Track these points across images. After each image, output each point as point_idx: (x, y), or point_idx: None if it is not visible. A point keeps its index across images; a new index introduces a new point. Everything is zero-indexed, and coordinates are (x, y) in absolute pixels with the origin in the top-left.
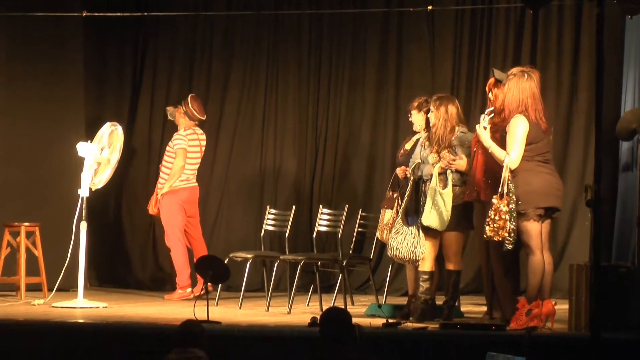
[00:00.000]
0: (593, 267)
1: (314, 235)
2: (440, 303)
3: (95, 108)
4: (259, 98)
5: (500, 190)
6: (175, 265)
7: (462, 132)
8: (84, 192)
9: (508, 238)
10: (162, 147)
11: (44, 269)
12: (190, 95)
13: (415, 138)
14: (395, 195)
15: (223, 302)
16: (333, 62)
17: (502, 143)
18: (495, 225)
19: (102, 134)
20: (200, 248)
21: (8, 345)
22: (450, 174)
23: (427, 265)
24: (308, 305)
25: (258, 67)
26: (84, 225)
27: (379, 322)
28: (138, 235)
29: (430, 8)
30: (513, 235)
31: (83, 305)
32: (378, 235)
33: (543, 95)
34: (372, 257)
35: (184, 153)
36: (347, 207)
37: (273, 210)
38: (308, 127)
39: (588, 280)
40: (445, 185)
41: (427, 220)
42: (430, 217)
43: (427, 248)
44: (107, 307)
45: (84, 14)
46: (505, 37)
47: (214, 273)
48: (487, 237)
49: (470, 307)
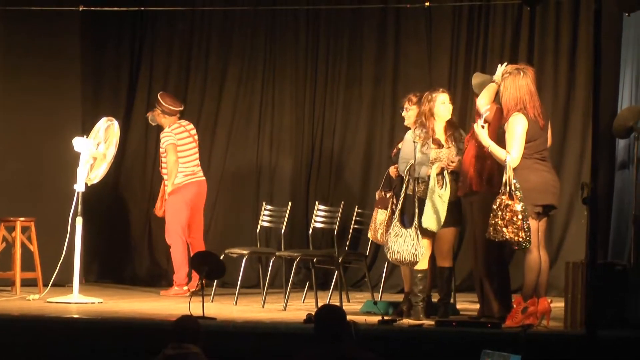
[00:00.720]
0: (589, 264)
1: (310, 232)
2: (435, 300)
3: (92, 103)
4: (256, 94)
5: (508, 190)
6: (174, 262)
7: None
8: (80, 187)
9: (527, 238)
10: (158, 141)
11: (40, 264)
12: (159, 94)
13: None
14: (389, 195)
15: (218, 298)
16: (330, 57)
17: (499, 141)
18: (515, 227)
19: (98, 129)
20: (198, 247)
21: (3, 340)
22: (448, 175)
23: (423, 264)
24: (304, 302)
25: (255, 62)
26: (80, 221)
27: (375, 319)
28: (134, 231)
29: (428, 4)
30: (530, 234)
31: (78, 301)
32: (370, 236)
33: (540, 93)
34: (367, 254)
35: (174, 148)
36: (343, 203)
37: (269, 207)
38: (305, 123)
39: (584, 278)
40: (443, 186)
41: (426, 223)
42: (430, 219)
43: (424, 247)
44: (102, 302)
45: (81, 9)
46: (503, 33)
47: (210, 269)
48: (504, 239)
49: (466, 304)
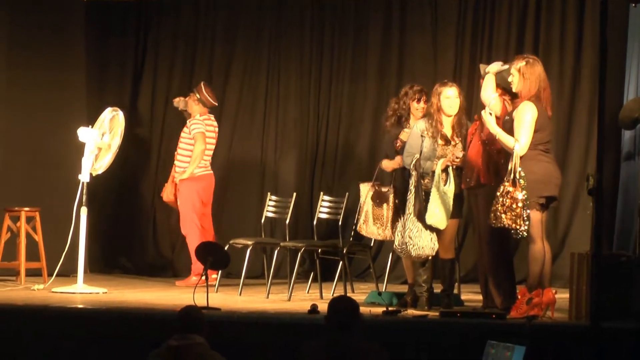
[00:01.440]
0: (594, 256)
1: (315, 223)
2: (438, 291)
3: (97, 93)
4: (261, 85)
5: (513, 177)
6: (192, 253)
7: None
8: (85, 177)
9: (524, 226)
10: (163, 132)
11: (44, 254)
12: (202, 83)
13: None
14: (387, 190)
15: (223, 288)
16: (335, 50)
17: (505, 129)
18: (514, 214)
19: (103, 119)
20: (209, 238)
21: (7, 330)
22: (452, 171)
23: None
24: (308, 293)
25: (260, 54)
26: (84, 211)
27: (379, 309)
28: (138, 221)
29: None
30: (528, 224)
31: (83, 291)
32: (365, 232)
33: None
34: (372, 244)
35: (203, 136)
36: (347, 194)
37: (274, 197)
38: (310, 114)
39: (589, 269)
40: (447, 182)
41: (431, 219)
42: (435, 215)
43: None
44: (107, 292)
45: (86, 0)
46: (508, 25)
47: (214, 259)
48: (503, 225)
49: (471, 295)
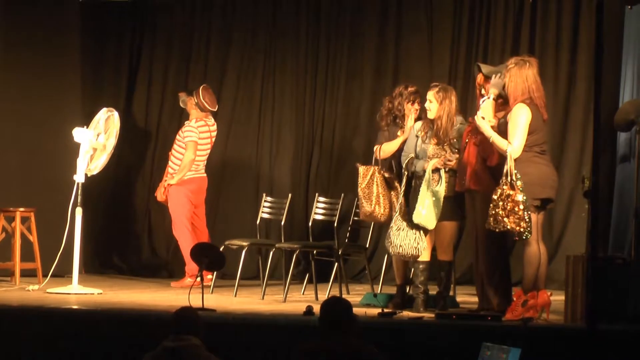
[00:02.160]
0: (589, 258)
1: (310, 224)
2: (434, 293)
3: (92, 94)
4: (256, 86)
5: (510, 181)
6: (184, 254)
7: (460, 123)
8: (80, 178)
9: (528, 229)
10: (158, 133)
11: (39, 255)
12: (202, 86)
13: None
14: (389, 176)
15: (218, 289)
16: (331, 51)
17: (500, 131)
18: (517, 217)
19: (98, 120)
20: (204, 239)
21: (2, 331)
22: (444, 172)
23: (425, 255)
24: (303, 294)
25: (255, 54)
26: (79, 211)
27: (375, 311)
28: (133, 222)
29: None
30: (531, 225)
31: (78, 292)
32: (368, 209)
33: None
34: (367, 246)
35: (195, 146)
36: (343, 195)
37: (269, 198)
38: (305, 115)
39: (584, 272)
40: (438, 183)
41: (417, 218)
42: (421, 215)
43: (426, 240)
44: (101, 293)
45: (81, 0)
46: (504, 26)
47: (210, 260)
48: (505, 229)
49: (466, 297)
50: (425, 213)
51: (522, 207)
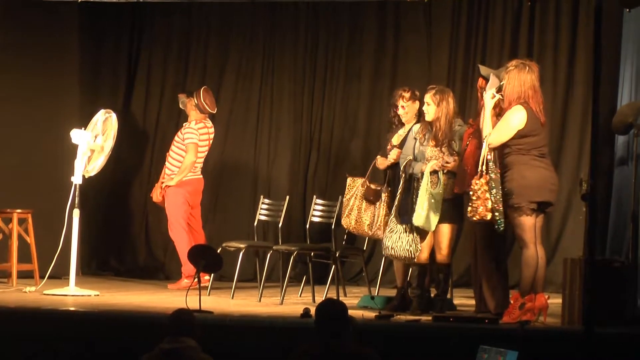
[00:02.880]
0: (587, 261)
1: (308, 226)
2: (432, 296)
3: (90, 95)
4: (254, 87)
5: (480, 169)
6: (181, 256)
7: (459, 125)
8: (77, 179)
9: (495, 218)
10: (156, 135)
11: (36, 256)
12: (203, 88)
13: (404, 132)
14: (380, 187)
15: (215, 291)
16: (329, 52)
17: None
18: (474, 205)
19: (96, 121)
20: (200, 240)
21: None
22: (442, 175)
23: (423, 258)
24: (300, 296)
25: (253, 56)
26: (77, 213)
27: (372, 314)
28: (131, 224)
29: None
30: (499, 215)
31: (75, 293)
32: (346, 225)
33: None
34: (365, 248)
35: (196, 148)
36: (340, 197)
37: (267, 200)
38: (303, 117)
39: (582, 275)
40: (436, 185)
41: (418, 221)
42: (421, 217)
43: (424, 241)
44: (98, 295)
45: (79, 0)
46: (502, 28)
47: (207, 262)
48: (480, 218)
49: (463, 300)
50: (425, 215)
51: (481, 195)
